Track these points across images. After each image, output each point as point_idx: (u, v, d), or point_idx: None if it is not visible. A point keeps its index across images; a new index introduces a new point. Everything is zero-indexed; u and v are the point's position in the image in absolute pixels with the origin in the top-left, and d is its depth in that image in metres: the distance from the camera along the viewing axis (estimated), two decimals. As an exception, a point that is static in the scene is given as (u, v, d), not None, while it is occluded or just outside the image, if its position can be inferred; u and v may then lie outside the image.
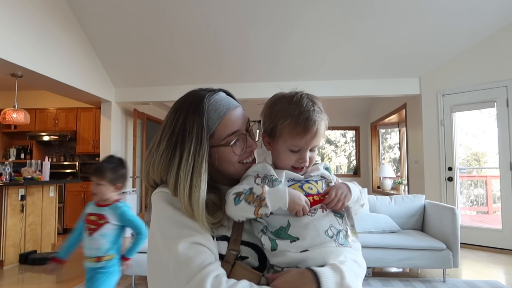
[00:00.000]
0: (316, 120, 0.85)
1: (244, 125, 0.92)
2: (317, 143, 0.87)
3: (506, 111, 4.42)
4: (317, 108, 0.87)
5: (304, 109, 0.85)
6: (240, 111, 0.93)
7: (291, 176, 0.87)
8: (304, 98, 0.87)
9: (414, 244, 3.21)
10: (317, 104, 0.88)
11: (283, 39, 4.75)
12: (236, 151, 0.89)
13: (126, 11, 4.40)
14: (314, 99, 0.89)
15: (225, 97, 0.92)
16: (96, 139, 6.29)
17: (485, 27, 4.46)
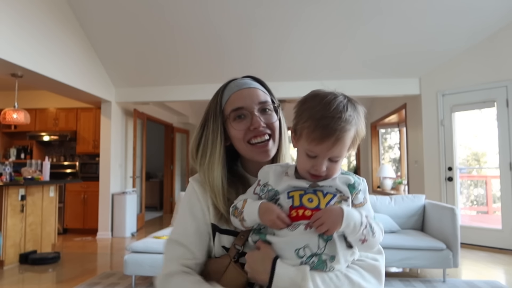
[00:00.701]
0: (337, 128, 0.74)
1: (255, 104, 0.90)
2: (337, 154, 0.76)
3: (506, 111, 4.42)
4: (347, 116, 0.76)
5: (329, 114, 0.75)
6: (254, 91, 0.92)
7: (293, 184, 0.79)
8: (336, 101, 0.78)
9: (414, 244, 3.21)
10: (350, 111, 0.77)
11: (284, 39, 4.75)
12: (237, 126, 0.89)
13: (126, 11, 4.40)
14: (349, 104, 0.79)
15: (246, 80, 0.95)
16: (96, 139, 6.28)
17: (485, 27, 4.46)
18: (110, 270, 3.80)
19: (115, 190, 5.82)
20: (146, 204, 8.29)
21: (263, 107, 0.91)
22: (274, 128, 0.91)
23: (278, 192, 0.80)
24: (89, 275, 3.58)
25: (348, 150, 0.79)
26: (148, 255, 3.02)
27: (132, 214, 5.87)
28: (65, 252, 4.62)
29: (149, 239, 3.24)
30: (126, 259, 3.08)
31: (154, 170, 9.28)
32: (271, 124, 0.91)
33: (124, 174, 6.15)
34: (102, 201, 5.69)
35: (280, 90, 5.63)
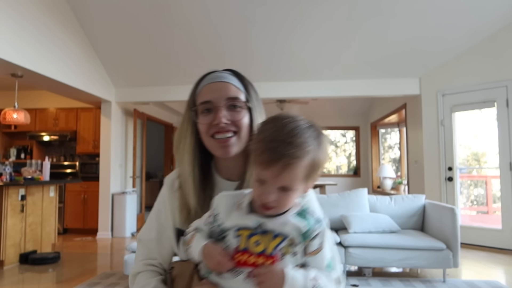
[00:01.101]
0: (285, 154, 0.66)
1: (222, 99, 0.87)
2: (287, 183, 0.68)
3: (506, 111, 4.43)
4: (300, 142, 0.68)
5: (279, 137, 0.68)
6: (224, 85, 0.89)
7: (242, 222, 0.73)
8: (292, 125, 0.70)
9: (414, 244, 3.21)
10: (306, 138, 0.69)
11: (284, 39, 4.75)
12: (202, 120, 0.88)
13: (126, 11, 4.41)
14: (309, 130, 0.71)
15: (221, 74, 0.92)
16: (96, 139, 6.28)
17: (485, 27, 4.46)
18: (110, 270, 3.80)
19: (115, 190, 5.82)
20: (146, 204, 8.28)
21: (231, 103, 0.88)
22: (240, 126, 0.87)
23: (226, 228, 0.74)
24: (89, 275, 3.58)
25: (305, 181, 0.71)
26: (148, 255, 3.02)
27: (132, 214, 5.87)
28: (65, 252, 4.62)
29: (149, 239, 3.24)
30: (126, 259, 3.08)
31: (154, 170, 9.28)
32: (237, 121, 0.87)
33: (124, 174, 6.15)
34: (102, 201, 5.69)
35: (280, 90, 5.64)
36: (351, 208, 3.76)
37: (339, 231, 3.61)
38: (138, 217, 6.28)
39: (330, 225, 3.05)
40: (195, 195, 0.88)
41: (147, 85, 5.81)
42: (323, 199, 3.86)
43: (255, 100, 0.92)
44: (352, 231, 3.41)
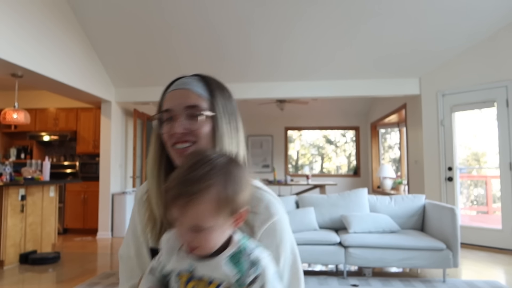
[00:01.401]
0: (182, 192, 0.63)
1: (181, 108, 0.82)
2: (195, 222, 0.64)
3: (506, 111, 4.43)
4: (200, 177, 0.64)
5: (180, 174, 0.66)
6: (184, 93, 0.83)
7: (179, 265, 0.70)
8: (194, 160, 0.67)
9: (414, 244, 3.22)
10: (206, 171, 0.64)
11: (284, 39, 4.75)
12: (163, 129, 0.83)
13: (126, 11, 4.41)
14: (208, 164, 0.66)
15: (185, 80, 0.86)
16: (96, 139, 6.29)
17: (485, 27, 4.46)
18: (110, 270, 3.80)
19: (115, 190, 5.82)
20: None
21: (190, 112, 0.81)
22: (199, 135, 0.80)
23: (167, 272, 0.71)
24: (89, 275, 3.58)
25: (221, 217, 0.65)
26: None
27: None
28: (65, 252, 4.62)
29: (149, 239, 3.24)
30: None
31: (154, 170, 9.27)
32: (195, 130, 0.80)
33: (124, 174, 6.16)
34: (102, 201, 5.69)
35: (280, 90, 5.64)
36: (351, 208, 3.76)
37: (339, 231, 3.61)
38: (138, 217, 6.27)
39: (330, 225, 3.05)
40: (159, 209, 0.82)
41: (147, 85, 5.81)
42: (323, 199, 3.86)
43: (221, 107, 0.83)
44: (352, 231, 3.41)
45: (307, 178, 6.92)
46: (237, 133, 0.84)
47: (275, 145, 8.92)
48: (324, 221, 3.74)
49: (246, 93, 5.66)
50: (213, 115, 0.81)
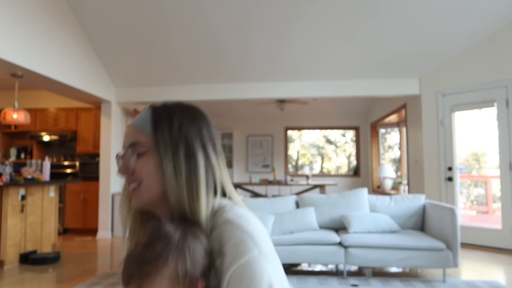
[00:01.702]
0: (134, 274, 0.63)
1: (125, 147, 0.78)
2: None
3: (506, 111, 4.43)
4: (152, 256, 0.63)
5: (134, 252, 0.66)
6: (129, 130, 0.79)
7: None
8: (147, 236, 0.67)
9: (414, 244, 3.21)
10: (159, 249, 0.63)
11: (283, 39, 4.75)
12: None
13: (126, 11, 4.41)
14: (161, 241, 0.65)
15: (138, 115, 0.82)
16: (96, 139, 6.29)
17: (485, 27, 4.46)
18: (110, 270, 3.80)
19: (115, 190, 5.82)
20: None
21: (131, 149, 0.76)
22: (141, 175, 0.75)
23: None
24: (89, 275, 3.58)
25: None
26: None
27: (132, 214, 5.87)
28: (65, 252, 4.62)
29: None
30: (126, 259, 3.07)
31: (154, 170, 9.28)
32: (135, 170, 0.75)
33: (124, 174, 6.15)
34: (102, 201, 5.69)
35: (280, 90, 5.65)
36: (351, 208, 3.76)
37: (339, 231, 3.61)
38: (138, 217, 6.27)
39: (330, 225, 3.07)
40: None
41: (147, 85, 5.82)
42: (323, 199, 3.86)
43: (166, 140, 0.75)
44: (352, 231, 3.41)
45: (307, 178, 6.92)
46: (197, 171, 0.73)
47: (275, 145, 8.92)
48: (324, 221, 3.74)
49: (246, 93, 5.66)
50: (156, 150, 0.74)
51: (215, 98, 5.74)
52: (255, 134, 8.97)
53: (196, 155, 0.75)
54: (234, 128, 8.98)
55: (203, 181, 0.73)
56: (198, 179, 0.73)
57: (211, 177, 0.76)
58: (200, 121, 0.80)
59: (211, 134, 0.80)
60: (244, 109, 8.46)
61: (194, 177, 0.73)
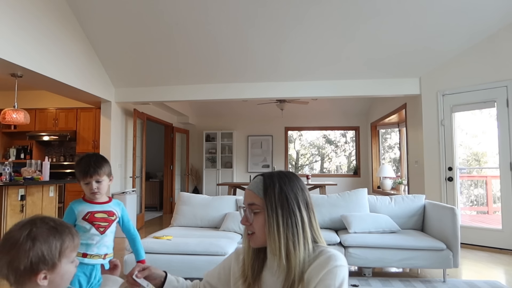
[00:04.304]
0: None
1: (246, 204, 1.09)
2: None
3: (506, 111, 4.42)
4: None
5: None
6: (247, 192, 1.10)
7: None
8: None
9: (414, 244, 3.21)
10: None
11: (283, 39, 4.75)
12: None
13: (126, 11, 4.40)
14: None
15: (252, 181, 1.12)
16: (96, 139, 6.29)
17: (485, 27, 4.46)
18: (110, 270, 3.79)
19: (115, 190, 5.82)
20: (146, 204, 8.29)
21: (250, 208, 1.08)
22: (253, 227, 1.06)
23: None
24: (89, 275, 3.56)
25: None
26: (148, 255, 3.02)
27: (132, 214, 5.87)
28: (65, 252, 4.60)
29: (149, 239, 3.24)
30: (126, 259, 3.07)
31: (154, 170, 9.28)
32: (251, 223, 1.07)
33: (124, 174, 6.15)
34: (102, 201, 5.68)
35: (280, 90, 5.64)
36: (351, 208, 3.76)
37: (339, 231, 3.61)
38: (138, 217, 6.27)
39: (330, 225, 3.07)
40: (248, 271, 1.09)
41: (147, 85, 5.81)
42: (323, 199, 3.85)
43: (273, 202, 1.04)
44: (352, 231, 3.41)
45: (307, 178, 6.92)
46: (292, 227, 1.00)
47: (275, 145, 8.92)
48: (324, 221, 3.73)
49: (246, 93, 5.66)
50: (265, 211, 1.02)
51: (215, 98, 5.73)
52: (255, 134, 8.96)
53: (292, 215, 1.01)
54: (234, 128, 8.97)
55: (296, 234, 0.99)
56: (293, 233, 1.00)
57: (305, 229, 1.01)
58: (296, 186, 1.06)
59: (304, 195, 1.06)
60: (244, 109, 8.46)
61: (289, 232, 0.99)
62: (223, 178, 8.74)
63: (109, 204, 1.93)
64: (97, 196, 1.87)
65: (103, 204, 1.90)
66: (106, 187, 1.89)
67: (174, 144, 8.30)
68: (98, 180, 1.84)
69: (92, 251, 1.84)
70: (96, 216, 1.87)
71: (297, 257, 0.97)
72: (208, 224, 3.86)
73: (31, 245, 0.83)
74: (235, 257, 1.17)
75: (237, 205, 3.93)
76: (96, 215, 1.87)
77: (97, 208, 1.88)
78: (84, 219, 1.84)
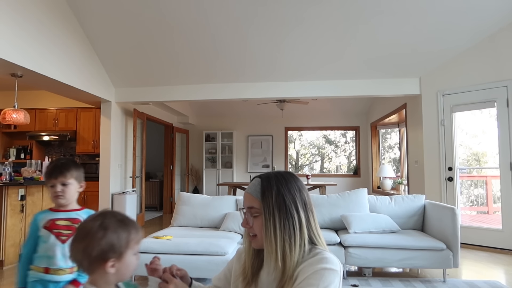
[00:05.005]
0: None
1: (246, 207, 1.11)
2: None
3: (506, 111, 4.42)
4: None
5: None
6: (246, 195, 1.12)
7: None
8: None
9: (414, 244, 3.21)
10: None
11: (283, 38, 4.75)
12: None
13: (126, 11, 4.40)
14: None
15: (250, 183, 1.12)
16: (96, 139, 6.29)
17: (486, 27, 4.46)
18: (110, 270, 3.79)
19: (115, 190, 5.82)
20: (146, 204, 8.29)
21: (250, 212, 1.09)
22: (253, 229, 1.08)
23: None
24: (89, 275, 3.56)
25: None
26: (147, 255, 3.00)
27: (132, 214, 5.87)
28: (65, 252, 4.61)
29: (148, 239, 3.24)
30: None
31: (154, 170, 9.28)
32: (252, 226, 1.09)
33: (124, 174, 6.15)
34: (102, 201, 5.69)
35: (280, 90, 5.64)
36: (351, 208, 3.76)
37: (339, 231, 3.61)
38: (138, 217, 6.27)
39: (330, 225, 3.08)
40: (249, 269, 1.11)
41: (147, 85, 5.81)
42: (323, 199, 3.85)
43: (270, 205, 1.05)
44: (352, 231, 3.41)
45: (307, 178, 6.92)
46: (289, 229, 1.00)
47: (275, 145, 8.92)
48: (324, 221, 3.73)
49: (246, 93, 5.66)
50: (263, 214, 1.03)
51: (215, 98, 5.73)
52: (255, 134, 8.96)
53: (290, 217, 1.01)
54: (234, 128, 8.98)
55: (293, 236, 1.00)
56: (290, 235, 1.00)
57: (302, 231, 1.02)
58: (294, 187, 1.06)
59: (302, 195, 1.05)
60: (244, 109, 8.46)
61: (286, 234, 1.00)
62: (223, 178, 8.74)
63: (77, 212, 1.72)
64: (61, 201, 1.67)
65: (69, 212, 1.70)
66: (73, 193, 1.72)
67: (174, 144, 8.30)
68: (63, 182, 1.68)
69: (54, 265, 1.61)
70: (58, 223, 1.66)
71: (292, 259, 0.98)
72: (208, 224, 3.86)
73: (103, 234, 0.92)
74: (237, 256, 1.19)
75: (237, 205, 3.93)
76: (57, 222, 1.66)
77: (61, 215, 1.68)
78: (44, 228, 1.64)
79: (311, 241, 1.03)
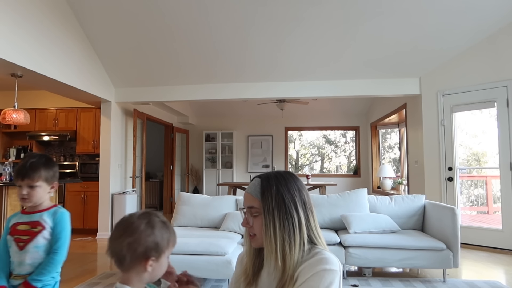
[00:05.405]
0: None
1: (246, 207, 1.12)
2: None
3: (506, 111, 4.42)
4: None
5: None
6: (246, 195, 1.13)
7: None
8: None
9: (414, 244, 3.21)
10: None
11: (283, 39, 4.75)
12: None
13: (126, 11, 4.40)
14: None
15: (250, 183, 1.13)
16: (96, 139, 6.29)
17: (486, 27, 4.46)
18: (110, 270, 3.80)
19: (115, 190, 5.82)
20: (146, 204, 8.29)
21: (250, 211, 1.11)
22: (253, 229, 1.09)
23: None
24: (89, 275, 3.57)
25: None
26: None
27: (132, 214, 5.86)
28: (65, 252, 4.61)
29: (149, 239, 3.24)
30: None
31: (154, 170, 9.28)
32: (252, 226, 1.10)
33: (124, 174, 6.15)
34: (102, 201, 5.69)
35: (280, 90, 5.64)
36: (351, 208, 3.76)
37: (339, 231, 3.61)
38: (138, 217, 6.25)
39: (330, 225, 3.08)
40: (250, 269, 1.11)
41: (147, 85, 5.81)
42: (323, 199, 3.85)
43: (270, 205, 1.05)
44: (352, 231, 3.41)
45: (307, 178, 6.92)
46: (287, 228, 1.01)
47: (275, 145, 8.92)
48: (324, 221, 3.73)
49: (246, 93, 5.66)
50: (263, 214, 1.03)
51: (215, 98, 5.73)
52: (255, 134, 8.96)
53: (289, 216, 1.02)
54: (234, 128, 8.98)
55: (293, 236, 1.01)
56: (290, 234, 1.01)
57: (302, 230, 1.02)
58: (293, 186, 1.06)
59: (302, 195, 1.06)
60: (244, 109, 8.46)
61: (285, 233, 1.00)
62: (223, 178, 8.74)
63: (40, 213, 1.58)
64: (26, 204, 1.57)
65: (33, 214, 1.58)
66: (40, 195, 1.57)
67: (174, 144, 8.30)
68: (30, 184, 1.54)
69: (13, 270, 1.54)
70: (18, 228, 1.55)
71: (292, 259, 0.99)
72: (208, 224, 3.86)
73: (151, 232, 0.94)
74: (239, 260, 1.20)
75: (237, 205, 3.93)
76: (18, 227, 1.55)
77: (24, 219, 1.58)
78: (9, 233, 1.57)
79: (310, 240, 1.03)
